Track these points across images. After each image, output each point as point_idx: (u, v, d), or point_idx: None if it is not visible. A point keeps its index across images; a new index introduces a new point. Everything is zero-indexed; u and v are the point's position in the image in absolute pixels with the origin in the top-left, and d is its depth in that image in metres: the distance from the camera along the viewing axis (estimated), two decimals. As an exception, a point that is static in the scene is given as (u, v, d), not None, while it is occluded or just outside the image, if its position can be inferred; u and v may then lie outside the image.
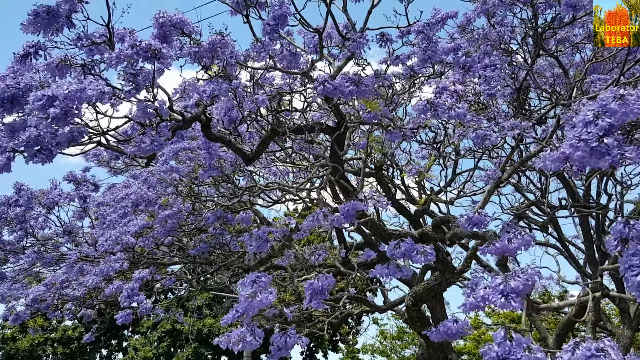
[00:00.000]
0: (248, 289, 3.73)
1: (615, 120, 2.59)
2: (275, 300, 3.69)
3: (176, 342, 20.41)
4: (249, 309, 3.58)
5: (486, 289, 2.93)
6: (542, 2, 5.49)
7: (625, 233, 2.85)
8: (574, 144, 2.66)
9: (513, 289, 2.80)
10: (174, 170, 6.04)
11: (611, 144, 2.55)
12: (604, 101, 2.61)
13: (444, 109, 4.24)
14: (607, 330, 9.63)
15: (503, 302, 2.78)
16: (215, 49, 4.38)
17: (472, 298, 3.01)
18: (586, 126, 2.63)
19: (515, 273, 2.92)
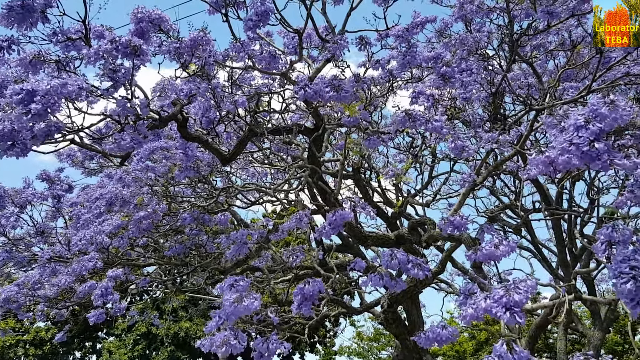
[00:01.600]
0: (228, 293, 3.70)
1: (606, 125, 2.63)
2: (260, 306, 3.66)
3: (151, 345, 20.14)
4: (234, 314, 3.54)
5: (487, 301, 2.87)
6: (518, 9, 5.59)
7: (613, 237, 2.90)
8: (566, 147, 2.69)
9: (517, 302, 2.75)
10: (149, 169, 5.96)
11: (602, 149, 2.59)
12: (594, 106, 2.65)
13: (421, 122, 4.27)
14: (579, 331, 9.83)
15: (508, 317, 2.73)
16: (196, 46, 4.35)
17: (471, 309, 2.96)
18: (577, 130, 2.67)
19: (515, 285, 2.84)
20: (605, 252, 2.91)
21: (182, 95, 5.15)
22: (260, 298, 9.44)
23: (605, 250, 2.91)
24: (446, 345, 16.25)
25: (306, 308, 4.14)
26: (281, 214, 8.84)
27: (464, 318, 3.03)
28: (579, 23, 5.72)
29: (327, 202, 5.67)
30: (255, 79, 7.19)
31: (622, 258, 2.53)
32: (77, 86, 3.40)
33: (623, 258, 2.53)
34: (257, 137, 5.11)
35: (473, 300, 2.99)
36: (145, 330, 19.63)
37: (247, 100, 4.78)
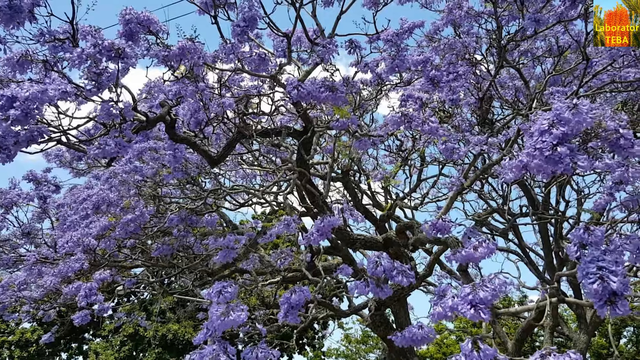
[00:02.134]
0: (215, 304, 3.69)
1: (569, 129, 2.66)
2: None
3: (139, 347, 19.99)
4: (221, 327, 3.53)
5: (455, 299, 2.91)
6: (506, 15, 5.64)
7: (585, 239, 2.94)
8: (531, 152, 2.73)
9: (482, 299, 2.77)
10: (137, 171, 5.93)
11: (564, 153, 2.63)
12: (558, 110, 2.68)
13: (417, 123, 4.27)
14: (565, 335, 9.91)
15: (472, 313, 2.76)
16: (184, 54, 4.34)
17: (440, 308, 3.00)
18: (541, 135, 2.70)
19: (483, 283, 2.87)
20: (577, 254, 2.95)
21: (170, 96, 5.14)
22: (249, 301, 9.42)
23: (577, 252, 2.96)
24: (433, 347, 16.32)
25: (292, 317, 4.13)
26: (269, 217, 8.83)
27: (433, 316, 3.08)
28: (566, 29, 5.79)
29: (316, 205, 5.67)
30: (244, 81, 7.18)
31: (590, 259, 2.57)
32: (60, 90, 3.38)
33: (591, 258, 2.56)
34: (246, 139, 5.11)
35: (442, 299, 3.03)
36: (133, 332, 19.48)
37: (236, 103, 4.77)
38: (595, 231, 2.97)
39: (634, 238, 3.29)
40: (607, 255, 2.56)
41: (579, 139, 2.89)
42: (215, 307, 3.66)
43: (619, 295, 2.46)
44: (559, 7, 4.65)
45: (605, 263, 2.50)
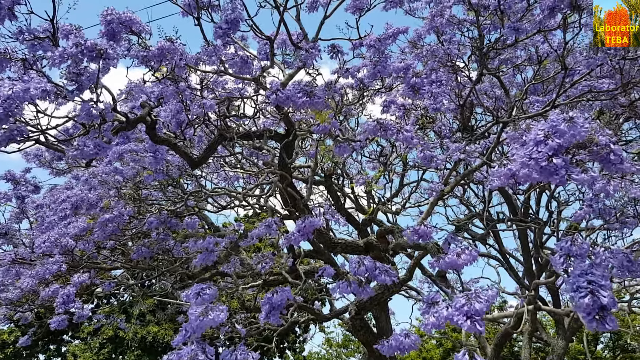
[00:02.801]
0: (194, 305, 3.67)
1: (565, 141, 2.70)
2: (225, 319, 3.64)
3: (118, 349, 19.74)
4: (200, 327, 3.51)
5: (449, 309, 2.91)
6: (487, 23, 5.70)
7: (571, 251, 2.96)
8: (526, 161, 2.75)
9: (477, 311, 2.79)
10: (117, 173, 5.87)
11: (560, 164, 2.65)
12: (554, 122, 2.71)
13: (392, 131, 4.30)
14: (543, 340, 10.02)
15: (469, 325, 2.77)
16: (164, 54, 4.31)
17: (433, 318, 2.99)
18: (537, 145, 2.72)
19: (477, 294, 2.88)
20: (563, 265, 2.98)
21: (153, 98, 5.10)
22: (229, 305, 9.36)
23: (563, 263, 2.99)
24: (414, 352, 16.38)
25: (274, 317, 4.13)
26: (251, 220, 8.80)
27: (426, 326, 3.07)
28: (545, 39, 5.88)
29: (297, 208, 5.67)
30: (228, 83, 7.16)
31: (579, 272, 2.58)
32: (41, 89, 3.35)
33: (581, 272, 2.58)
34: (228, 142, 5.09)
35: (435, 309, 3.03)
36: (112, 334, 19.24)
37: (217, 105, 4.75)
38: (582, 244, 2.99)
39: (618, 253, 3.34)
40: (595, 269, 2.59)
41: (570, 151, 2.93)
42: (194, 307, 3.65)
43: (608, 310, 2.48)
44: (537, 17, 4.72)
45: (595, 277, 2.52)
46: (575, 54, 6.11)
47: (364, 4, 5.45)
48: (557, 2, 4.54)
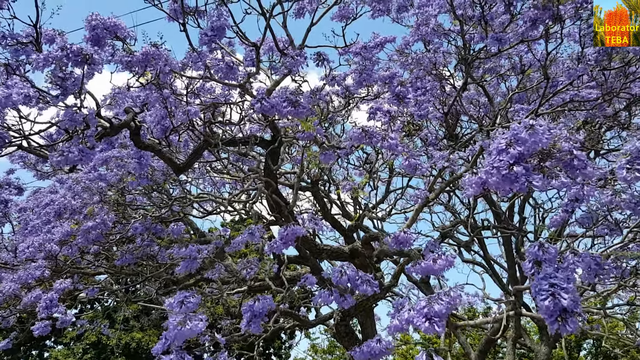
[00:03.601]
0: (176, 310, 3.65)
1: (526, 148, 2.74)
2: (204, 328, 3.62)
3: (101, 355, 19.50)
4: (179, 337, 3.49)
5: (410, 312, 2.94)
6: (472, 33, 5.77)
7: (539, 256, 3.01)
8: (488, 170, 2.81)
9: (437, 312, 2.83)
10: (101, 179, 5.83)
11: (520, 172, 2.71)
12: (515, 130, 2.76)
13: (377, 139, 4.33)
14: (527, 346, 10.09)
15: (427, 326, 2.81)
16: (148, 60, 4.30)
17: (396, 321, 3.02)
18: (499, 154, 2.78)
19: (439, 295, 2.92)
20: (532, 270, 3.02)
21: (138, 103, 5.08)
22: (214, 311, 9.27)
23: (532, 268, 3.03)
24: (399, 357, 16.40)
25: (255, 325, 4.12)
26: (237, 226, 8.78)
27: (389, 329, 3.11)
28: (529, 49, 5.96)
29: (282, 214, 5.67)
30: (215, 90, 7.15)
31: (543, 276, 2.63)
32: (23, 95, 3.33)
33: (544, 276, 2.62)
34: (213, 148, 5.08)
35: (399, 313, 3.07)
36: (95, 340, 19.01)
37: (202, 111, 4.75)
38: (549, 249, 3.05)
39: (585, 256, 3.40)
40: (559, 273, 2.63)
41: (536, 158, 2.98)
42: (174, 316, 3.63)
43: (569, 312, 2.52)
44: (520, 28, 4.79)
45: (557, 280, 2.56)
46: (558, 64, 6.19)
47: (349, 12, 5.49)
48: (539, 14, 4.60)
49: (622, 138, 7.82)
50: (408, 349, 16.08)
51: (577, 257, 3.25)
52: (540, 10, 4.63)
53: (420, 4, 5.93)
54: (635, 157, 2.88)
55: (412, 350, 16.01)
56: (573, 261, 3.17)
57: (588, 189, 3.92)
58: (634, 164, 2.90)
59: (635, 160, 2.89)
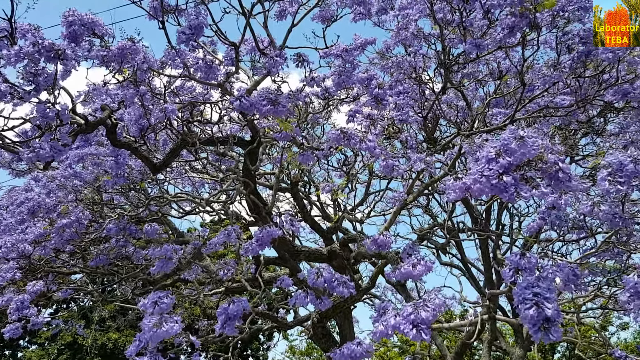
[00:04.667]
0: (148, 315, 3.61)
1: (515, 159, 2.78)
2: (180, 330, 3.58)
3: (77, 356, 19.21)
4: (154, 338, 3.45)
5: (397, 318, 2.95)
6: (452, 37, 5.83)
7: (520, 264, 3.05)
8: (477, 178, 2.83)
9: (423, 319, 2.84)
10: (76, 177, 5.74)
11: (509, 182, 2.74)
12: (505, 141, 2.79)
13: (356, 141, 4.35)
14: (502, 349, 10.20)
15: (414, 333, 2.82)
16: (124, 54, 4.26)
17: (382, 326, 3.03)
18: (488, 163, 2.80)
19: (424, 302, 2.94)
20: (512, 278, 3.06)
21: (115, 100, 5.02)
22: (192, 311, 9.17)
23: (512, 276, 3.07)
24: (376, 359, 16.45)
25: (230, 328, 4.10)
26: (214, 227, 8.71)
27: (374, 334, 3.11)
28: (507, 55, 6.05)
29: (260, 216, 5.66)
30: (196, 88, 7.10)
31: (526, 285, 2.66)
32: (-5, 89, 3.26)
33: (527, 285, 2.65)
34: (191, 147, 5.05)
35: (384, 318, 3.07)
36: (71, 340, 18.72)
37: (180, 110, 4.71)
38: (530, 258, 3.08)
39: (564, 266, 3.45)
40: (541, 282, 2.66)
41: (520, 168, 3.01)
42: (148, 318, 3.59)
43: (552, 322, 2.56)
44: (498, 34, 4.86)
45: (540, 290, 2.59)
46: (535, 71, 6.29)
47: (330, 14, 5.50)
48: (517, 21, 4.67)
49: (597, 144, 7.97)
50: (385, 351, 16.15)
51: (556, 266, 3.30)
52: (518, 18, 4.70)
53: (400, 7, 5.97)
54: (616, 169, 2.94)
55: (389, 352, 16.08)
56: (552, 270, 3.23)
57: (565, 198, 3.99)
58: (616, 176, 2.96)
59: (617, 172, 2.96)
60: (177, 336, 4.08)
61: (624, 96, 5.34)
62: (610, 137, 6.97)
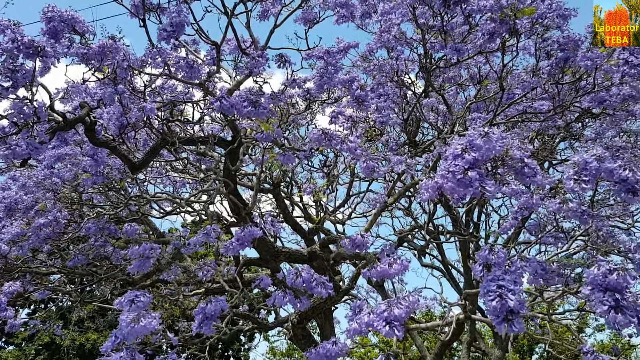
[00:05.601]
0: (126, 312, 3.58)
1: (480, 155, 2.82)
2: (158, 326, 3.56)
3: (54, 356, 18.94)
4: (131, 334, 3.43)
5: (370, 315, 2.97)
6: (433, 42, 5.88)
7: (489, 259, 3.10)
8: (444, 174, 2.88)
9: (396, 317, 2.86)
10: (54, 175, 5.67)
11: (474, 177, 2.79)
12: (471, 137, 2.84)
13: (337, 141, 4.37)
14: (481, 350, 10.31)
15: (387, 330, 2.84)
16: (105, 53, 4.22)
17: (356, 324, 3.05)
18: (455, 159, 2.85)
19: (398, 300, 2.95)
20: (481, 273, 3.11)
21: (95, 98, 4.96)
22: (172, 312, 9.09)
23: (481, 272, 3.12)
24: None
25: (207, 327, 4.10)
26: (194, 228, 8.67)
27: (349, 332, 3.13)
28: (487, 60, 6.12)
29: (240, 216, 5.64)
30: (178, 87, 7.05)
31: (491, 277, 2.71)
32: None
33: (492, 277, 2.70)
34: (171, 147, 5.02)
35: (359, 316, 3.10)
36: (49, 340, 18.45)
37: (160, 109, 4.68)
38: (499, 252, 3.14)
39: (532, 261, 3.53)
40: (507, 275, 2.71)
41: (489, 165, 3.06)
42: (126, 314, 3.56)
43: (515, 313, 2.60)
44: (479, 39, 4.92)
45: (504, 282, 2.64)
46: (514, 76, 6.38)
47: (313, 16, 5.51)
48: (497, 27, 4.74)
49: (575, 149, 8.10)
50: (366, 352, 16.20)
51: (525, 262, 3.37)
52: (498, 24, 4.76)
53: (383, 11, 6.01)
54: (582, 169, 3.00)
55: (370, 354, 16.15)
56: (521, 266, 3.29)
57: (537, 197, 4.06)
58: (581, 175, 3.02)
59: (583, 171, 3.01)
60: (155, 334, 4.07)
61: (600, 103, 5.45)
62: (587, 142, 7.09)
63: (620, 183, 2.93)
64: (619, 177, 2.91)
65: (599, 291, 2.69)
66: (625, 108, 6.30)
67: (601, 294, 2.68)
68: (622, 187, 2.97)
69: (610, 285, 2.66)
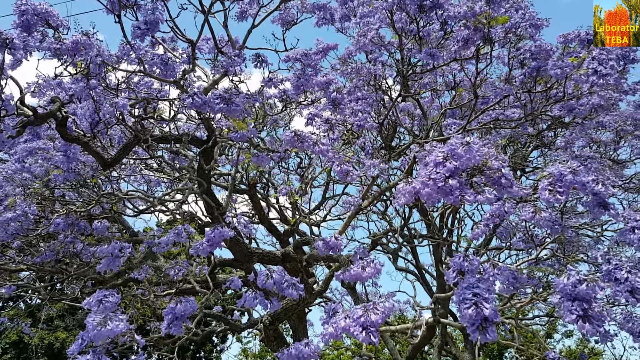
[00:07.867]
0: (93, 314, 3.53)
1: (461, 164, 2.88)
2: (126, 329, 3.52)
3: (22, 355, 18.54)
4: (98, 337, 3.38)
5: (347, 320, 2.96)
6: (411, 47, 5.95)
7: (463, 266, 3.14)
8: (425, 181, 2.92)
9: (373, 322, 2.86)
10: (24, 170, 5.57)
11: (454, 185, 2.84)
12: (452, 146, 2.89)
13: (309, 143, 4.38)
14: (452, 354, 10.42)
15: (364, 336, 2.84)
16: (78, 48, 4.17)
17: (332, 328, 3.03)
18: (436, 166, 2.90)
19: (374, 305, 2.95)
20: (454, 279, 3.15)
21: (68, 93, 4.89)
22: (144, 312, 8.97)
23: (455, 278, 3.16)
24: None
25: (176, 328, 4.07)
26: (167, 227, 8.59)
27: (324, 336, 3.13)
28: (462, 68, 6.21)
29: (213, 216, 5.62)
30: (154, 84, 6.99)
31: (466, 285, 2.74)
32: None
33: (467, 285, 2.73)
34: (143, 144, 4.97)
35: (334, 320, 3.10)
36: (16, 339, 18.05)
37: (133, 105, 4.64)
38: (472, 260, 3.18)
39: (504, 270, 3.58)
40: (481, 283, 2.75)
41: (466, 173, 3.11)
42: (93, 316, 3.51)
43: (489, 321, 2.63)
44: (454, 46, 4.99)
45: (479, 290, 2.67)
46: (487, 84, 6.48)
47: (291, 17, 5.53)
48: (471, 34, 4.81)
49: (547, 157, 8.26)
50: (339, 354, 16.23)
51: (497, 269, 3.42)
52: (472, 31, 4.84)
53: (362, 15, 6.06)
54: (556, 180, 3.07)
55: (342, 356, 16.17)
56: (493, 273, 3.34)
57: (509, 205, 4.14)
58: (556, 186, 3.09)
59: (557, 182, 3.08)
60: (122, 335, 4.02)
61: (570, 112, 5.57)
62: (557, 151, 7.23)
63: (592, 196, 3.02)
64: (592, 191, 2.99)
65: (567, 300, 2.75)
66: (594, 118, 6.46)
67: (570, 303, 2.74)
68: (594, 200, 3.06)
69: (579, 295, 2.72)
